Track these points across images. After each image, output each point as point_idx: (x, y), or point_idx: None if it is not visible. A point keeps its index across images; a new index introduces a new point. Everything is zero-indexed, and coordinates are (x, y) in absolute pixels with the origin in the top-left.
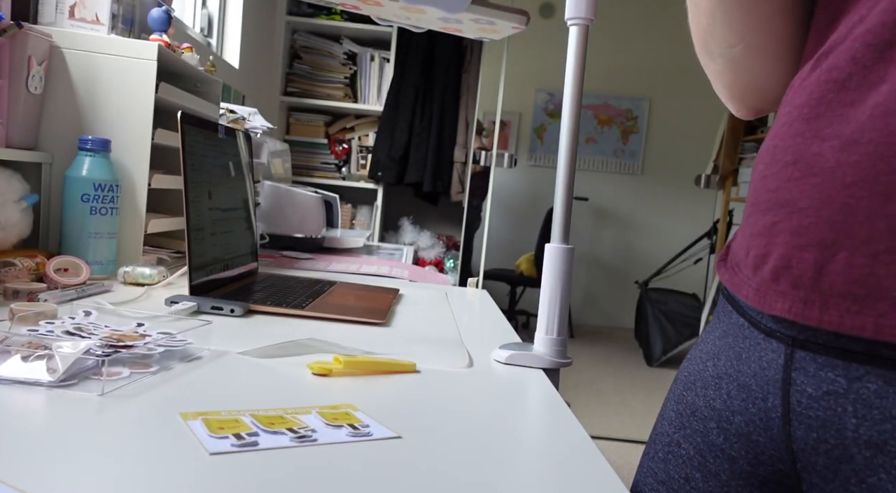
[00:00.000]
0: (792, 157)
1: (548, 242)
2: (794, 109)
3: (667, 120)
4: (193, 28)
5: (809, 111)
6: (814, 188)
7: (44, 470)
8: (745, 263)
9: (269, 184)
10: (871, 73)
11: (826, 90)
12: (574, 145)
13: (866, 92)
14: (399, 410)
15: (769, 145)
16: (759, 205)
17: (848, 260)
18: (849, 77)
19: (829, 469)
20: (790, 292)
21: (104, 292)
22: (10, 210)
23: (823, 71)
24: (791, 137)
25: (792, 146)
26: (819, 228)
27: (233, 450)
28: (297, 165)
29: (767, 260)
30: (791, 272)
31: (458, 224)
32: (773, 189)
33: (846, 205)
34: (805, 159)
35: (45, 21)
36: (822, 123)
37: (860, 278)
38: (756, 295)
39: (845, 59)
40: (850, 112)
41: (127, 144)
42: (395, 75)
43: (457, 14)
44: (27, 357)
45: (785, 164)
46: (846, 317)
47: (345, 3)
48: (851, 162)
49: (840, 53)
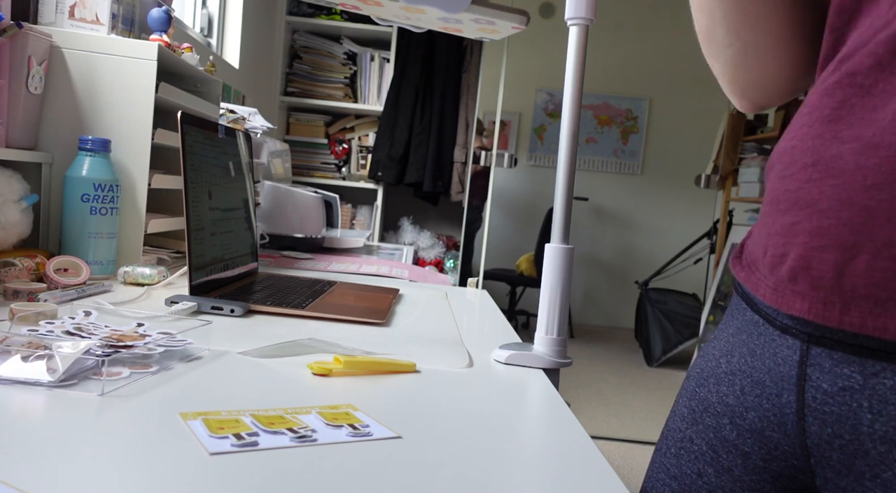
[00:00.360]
0: (811, 158)
1: (548, 242)
2: (813, 111)
3: (667, 120)
4: (193, 28)
5: (830, 113)
6: (833, 190)
7: (44, 470)
8: (763, 262)
9: (269, 184)
10: (894, 78)
11: (848, 94)
12: (574, 145)
13: (889, 97)
14: (399, 410)
15: (787, 146)
16: (779, 204)
17: (869, 263)
18: (872, 81)
19: (844, 465)
20: (809, 292)
21: (104, 292)
22: (10, 210)
23: (844, 74)
24: (811, 139)
25: (811, 148)
26: (839, 229)
27: (232, 450)
28: (297, 165)
29: (785, 260)
30: (810, 273)
31: (458, 224)
32: (793, 189)
33: (866, 207)
34: (824, 161)
35: (45, 21)
36: (842, 126)
37: (882, 281)
38: (773, 295)
39: (868, 64)
40: (871, 116)
41: (127, 144)
42: (395, 75)
43: (457, 14)
44: (27, 357)
45: (804, 165)
46: (868, 319)
47: (345, 3)
48: (872, 165)
49: (862, 57)
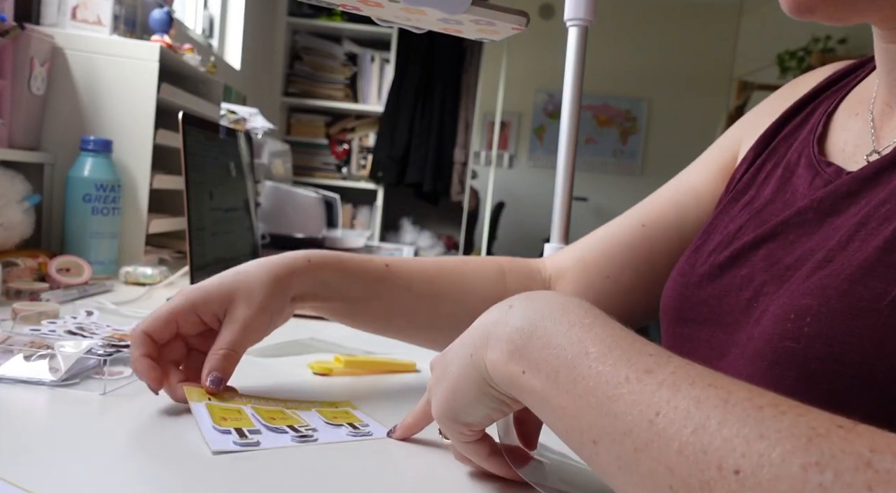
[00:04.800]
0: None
1: (548, 242)
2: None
3: (666, 120)
4: (195, 29)
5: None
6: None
7: (46, 469)
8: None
9: (269, 184)
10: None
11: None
12: (574, 146)
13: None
14: (399, 409)
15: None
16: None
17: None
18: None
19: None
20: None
21: (106, 292)
22: (12, 210)
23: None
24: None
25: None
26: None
27: (235, 449)
28: (297, 166)
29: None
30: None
31: (458, 224)
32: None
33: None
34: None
35: (47, 22)
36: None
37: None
38: None
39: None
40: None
41: (129, 144)
42: (396, 76)
43: (457, 15)
44: (29, 357)
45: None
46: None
47: (345, 5)
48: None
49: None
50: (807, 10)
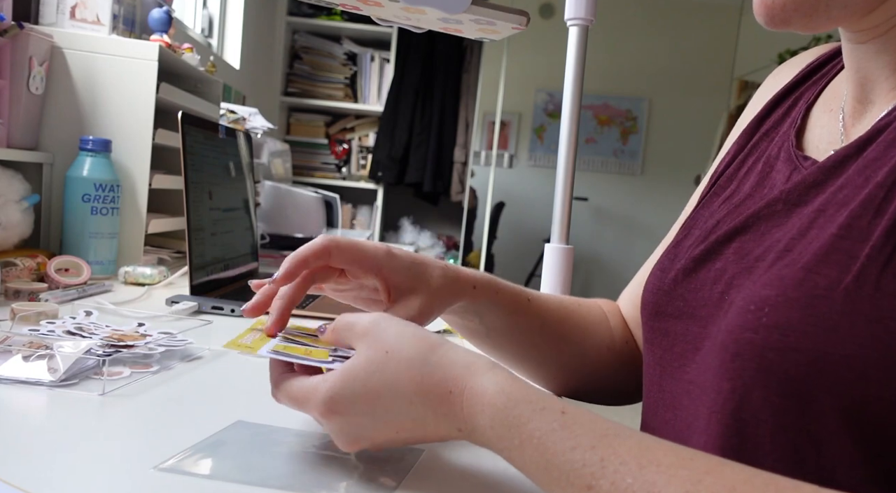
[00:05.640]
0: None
1: (548, 242)
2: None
3: (666, 120)
4: (194, 28)
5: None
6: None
7: (45, 469)
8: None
9: (269, 184)
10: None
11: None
12: (574, 145)
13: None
14: None
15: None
16: None
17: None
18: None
19: None
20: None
21: (105, 292)
22: (11, 210)
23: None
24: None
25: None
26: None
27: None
28: (297, 166)
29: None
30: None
31: (458, 224)
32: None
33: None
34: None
35: (46, 22)
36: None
37: None
38: None
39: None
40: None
41: (128, 144)
42: (396, 76)
43: (457, 14)
44: (28, 357)
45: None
46: None
47: (345, 4)
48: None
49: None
50: (781, 22)
